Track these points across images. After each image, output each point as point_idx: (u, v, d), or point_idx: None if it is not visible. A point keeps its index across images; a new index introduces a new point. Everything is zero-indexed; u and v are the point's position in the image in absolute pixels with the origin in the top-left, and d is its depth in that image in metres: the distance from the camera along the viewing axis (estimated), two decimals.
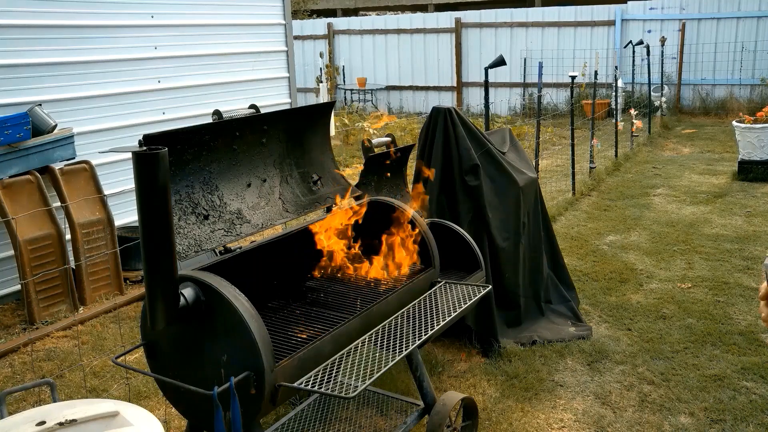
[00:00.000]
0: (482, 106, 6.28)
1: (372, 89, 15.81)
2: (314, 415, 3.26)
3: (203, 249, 2.52)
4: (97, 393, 3.73)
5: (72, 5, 5.43)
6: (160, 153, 1.97)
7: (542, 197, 4.63)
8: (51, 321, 4.70)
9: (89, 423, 1.88)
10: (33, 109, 4.90)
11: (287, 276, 3.10)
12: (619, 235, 6.27)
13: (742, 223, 6.50)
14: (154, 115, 6.16)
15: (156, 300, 2.10)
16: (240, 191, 2.78)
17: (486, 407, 3.47)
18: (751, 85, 13.24)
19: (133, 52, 5.94)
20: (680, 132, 11.99)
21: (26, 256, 4.64)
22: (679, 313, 4.54)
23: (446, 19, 15.59)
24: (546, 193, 6.13)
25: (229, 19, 6.93)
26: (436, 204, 4.08)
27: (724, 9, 13.31)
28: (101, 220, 5.13)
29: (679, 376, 3.74)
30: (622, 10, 14.10)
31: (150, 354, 2.45)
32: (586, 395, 3.60)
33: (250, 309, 2.21)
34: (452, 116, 4.08)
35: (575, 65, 13.93)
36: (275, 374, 2.21)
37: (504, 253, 4.13)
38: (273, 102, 7.40)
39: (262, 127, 2.87)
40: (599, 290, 4.96)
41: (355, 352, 2.50)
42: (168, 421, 3.37)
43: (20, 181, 4.75)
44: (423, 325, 2.69)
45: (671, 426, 3.30)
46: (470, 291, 3.04)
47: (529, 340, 4.13)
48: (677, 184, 8.17)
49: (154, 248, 2.05)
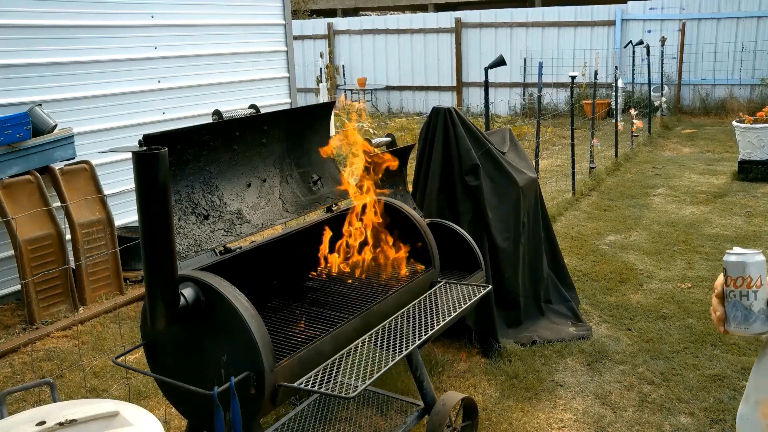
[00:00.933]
0: (482, 106, 6.28)
1: (372, 89, 15.81)
2: (314, 415, 3.26)
3: (203, 249, 2.52)
4: (97, 393, 3.73)
5: (72, 5, 5.43)
6: (160, 153, 1.97)
7: (542, 197, 4.63)
8: (51, 321, 4.70)
9: (89, 423, 1.88)
10: (33, 109, 4.90)
11: (287, 276, 3.10)
12: (619, 235, 6.27)
13: (742, 223, 6.50)
14: (154, 115, 6.16)
15: (156, 300, 2.10)
16: (240, 191, 2.78)
17: (486, 407, 3.47)
18: (751, 85, 13.24)
19: (133, 52, 5.94)
20: (680, 132, 11.99)
21: (26, 256, 4.64)
22: (679, 313, 4.54)
23: (446, 19, 15.59)
24: (546, 193, 6.13)
25: (229, 19, 6.93)
26: (436, 204, 4.08)
27: (724, 9, 13.31)
28: (101, 220, 5.13)
29: (679, 376, 3.74)
30: (622, 10, 14.10)
31: (150, 354, 2.45)
32: (586, 395, 3.60)
33: (250, 309, 2.21)
34: (452, 116, 4.08)
35: (575, 65, 13.93)
36: (275, 374, 2.21)
37: (504, 253, 4.13)
38: (273, 102, 7.40)
39: (262, 127, 2.87)
40: (599, 290, 4.96)
41: (355, 352, 2.50)
42: (168, 421, 3.37)
43: (20, 181, 4.75)
44: (423, 325, 2.69)
45: (671, 426, 3.30)
46: (470, 291, 3.04)
47: (529, 340, 4.13)
48: (677, 184, 8.17)
49: (154, 248, 2.05)
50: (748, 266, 1.33)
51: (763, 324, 1.33)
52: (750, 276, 1.33)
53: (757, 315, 1.33)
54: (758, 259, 1.34)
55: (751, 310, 1.33)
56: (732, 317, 1.35)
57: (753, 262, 1.33)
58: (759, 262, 1.34)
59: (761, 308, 1.33)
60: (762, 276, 1.33)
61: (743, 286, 1.33)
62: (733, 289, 1.34)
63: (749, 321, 1.33)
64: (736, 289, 1.34)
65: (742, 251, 1.36)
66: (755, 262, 1.33)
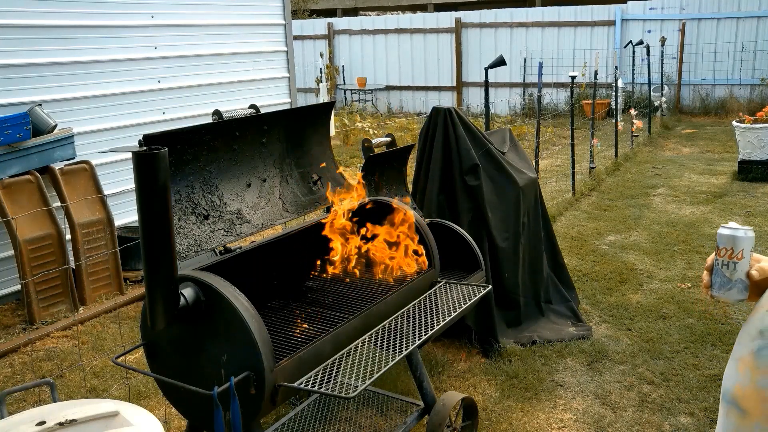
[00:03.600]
0: (482, 106, 6.28)
1: (372, 89, 15.81)
2: (314, 415, 3.26)
3: (203, 249, 2.52)
4: (97, 393, 3.73)
5: (72, 5, 5.43)
6: (160, 153, 1.97)
7: (542, 197, 4.63)
8: (51, 321, 4.70)
9: (89, 423, 1.88)
10: (33, 109, 4.90)
11: (287, 276, 3.10)
12: (619, 235, 6.27)
13: (742, 223, 6.50)
14: (154, 115, 6.16)
15: (156, 300, 2.10)
16: (240, 191, 2.78)
17: (486, 407, 3.47)
18: (751, 85, 13.24)
19: (133, 52, 5.94)
20: (680, 132, 11.99)
21: (26, 256, 4.64)
22: (679, 313, 4.54)
23: (446, 19, 15.59)
24: (546, 193, 6.13)
25: (229, 19, 6.92)
26: (436, 204, 4.08)
27: (724, 9, 13.31)
28: (101, 220, 5.13)
29: (679, 376, 3.74)
30: (622, 10, 14.10)
31: (150, 354, 2.45)
32: (586, 395, 3.60)
33: (250, 309, 2.21)
34: (452, 116, 4.08)
35: (575, 65, 13.93)
36: (275, 374, 2.21)
37: (504, 253, 4.13)
38: (273, 102, 7.40)
39: (262, 127, 2.87)
40: (599, 290, 4.96)
41: (355, 352, 2.50)
42: (168, 421, 3.37)
43: (20, 181, 4.75)
44: (423, 325, 2.69)
45: (671, 426, 3.30)
46: (470, 291, 3.04)
47: (529, 340, 4.13)
48: (677, 184, 8.17)
49: (154, 248, 2.05)
50: (734, 239, 1.47)
51: (740, 292, 1.48)
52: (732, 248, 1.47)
53: (734, 283, 1.48)
54: (744, 235, 1.47)
55: (729, 279, 1.49)
56: (713, 282, 1.51)
57: (739, 236, 1.47)
58: (744, 238, 1.47)
59: (739, 278, 1.48)
60: (744, 250, 1.47)
61: (725, 256, 1.48)
62: (718, 258, 1.49)
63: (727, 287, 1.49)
64: (719, 259, 1.49)
65: (735, 226, 1.49)
66: (741, 237, 1.47)
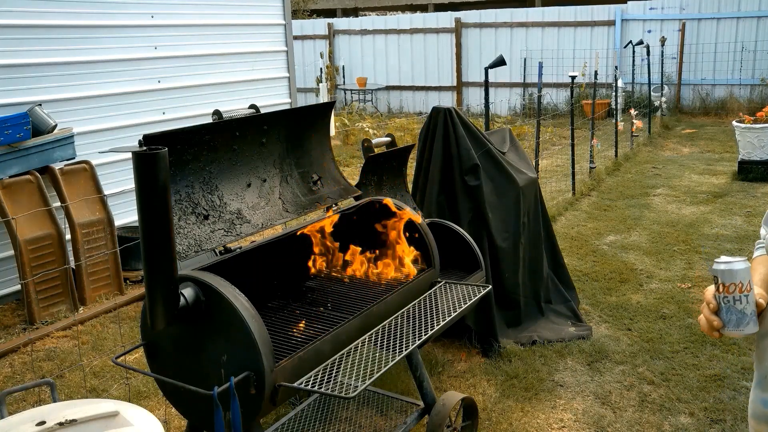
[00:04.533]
0: (482, 106, 6.28)
1: (372, 89, 15.81)
2: (314, 415, 3.25)
3: (203, 249, 2.51)
4: (97, 393, 3.73)
5: (72, 5, 5.43)
6: (160, 153, 1.97)
7: (542, 197, 4.63)
8: (51, 321, 4.70)
9: (89, 423, 1.88)
10: (33, 109, 4.90)
11: (287, 276, 3.10)
12: (619, 235, 6.27)
13: (742, 223, 6.50)
14: (154, 115, 6.16)
15: (156, 300, 2.10)
16: (240, 191, 2.78)
17: (486, 407, 3.47)
18: (751, 85, 13.24)
19: (133, 52, 5.94)
20: (680, 132, 11.99)
21: (26, 256, 4.64)
22: (679, 313, 4.54)
23: (446, 19, 15.59)
24: (546, 193, 6.13)
25: (229, 19, 6.92)
26: (436, 204, 4.08)
27: (724, 9, 13.31)
28: (101, 220, 5.13)
29: (679, 376, 3.74)
30: (622, 10, 14.10)
31: (150, 354, 2.45)
32: (586, 395, 3.60)
33: (250, 309, 2.21)
34: (452, 116, 4.08)
35: (575, 65, 13.92)
36: (275, 374, 2.21)
37: (504, 253, 4.13)
38: (273, 102, 7.40)
39: (262, 127, 2.86)
40: (599, 290, 4.96)
41: (355, 352, 2.50)
42: (168, 421, 3.37)
43: (20, 181, 4.75)
44: (423, 325, 2.69)
45: (671, 426, 3.30)
46: (470, 291, 3.04)
47: (529, 340, 4.13)
48: (677, 184, 8.17)
49: (154, 248, 2.04)
50: (739, 272, 1.44)
51: (755, 324, 1.45)
52: (741, 281, 1.43)
53: (749, 317, 1.44)
54: (745, 266, 1.45)
55: (744, 312, 1.44)
56: (727, 321, 1.45)
57: (741, 268, 1.44)
58: (746, 269, 1.45)
59: (752, 310, 1.44)
60: (750, 280, 1.45)
61: (736, 291, 1.43)
62: (727, 295, 1.44)
63: (744, 323, 1.44)
64: (729, 295, 1.44)
65: (730, 259, 1.46)
66: (743, 268, 1.44)
